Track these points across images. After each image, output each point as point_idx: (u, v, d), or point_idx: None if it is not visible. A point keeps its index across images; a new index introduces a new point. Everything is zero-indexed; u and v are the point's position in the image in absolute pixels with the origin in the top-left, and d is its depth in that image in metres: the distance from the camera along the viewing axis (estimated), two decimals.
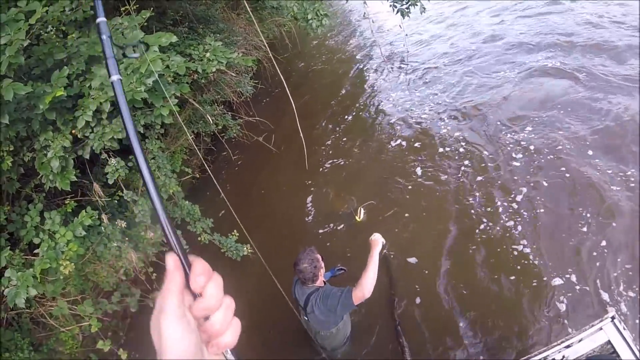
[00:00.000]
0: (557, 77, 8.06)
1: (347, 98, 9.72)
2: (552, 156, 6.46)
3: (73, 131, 4.12)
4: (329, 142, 8.29)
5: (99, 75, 3.90)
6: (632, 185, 5.72)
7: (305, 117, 8.08)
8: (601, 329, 3.50)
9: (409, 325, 5.17)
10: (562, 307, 4.92)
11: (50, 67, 3.97)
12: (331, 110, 9.37)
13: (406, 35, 10.02)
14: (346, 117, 9.00)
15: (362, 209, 6.16)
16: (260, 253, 5.96)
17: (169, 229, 0.93)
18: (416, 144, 7.70)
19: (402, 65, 10.60)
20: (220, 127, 7.44)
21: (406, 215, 6.35)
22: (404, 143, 7.85)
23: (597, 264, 5.16)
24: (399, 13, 7.80)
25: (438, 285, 5.49)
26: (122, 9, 4.59)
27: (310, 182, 7.42)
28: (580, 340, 3.49)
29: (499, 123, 7.52)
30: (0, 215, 4.12)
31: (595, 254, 5.25)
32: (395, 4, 7.76)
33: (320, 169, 7.64)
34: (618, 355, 3.36)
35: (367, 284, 3.97)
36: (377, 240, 4.39)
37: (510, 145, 6.89)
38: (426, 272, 5.66)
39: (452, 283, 5.49)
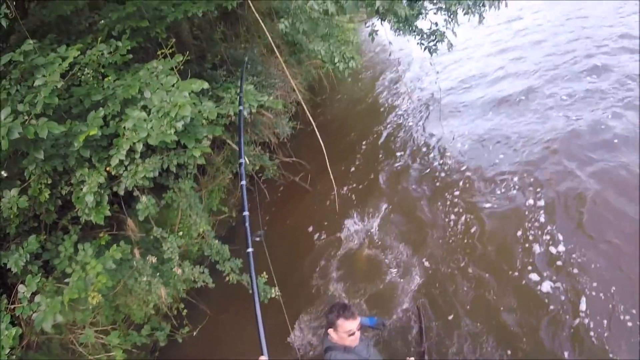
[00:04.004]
0: None
1: (380, 141, 9.83)
2: None
3: (108, 168, 4.33)
4: (358, 183, 8.41)
5: (132, 116, 4.13)
6: None
7: (340, 159, 8.18)
8: None
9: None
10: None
11: (88, 108, 4.24)
12: (362, 148, 9.57)
13: (437, 72, 10.15)
14: (378, 155, 9.15)
15: None
16: (286, 294, 6.01)
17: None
18: (447, 180, 7.63)
19: (431, 99, 10.77)
20: (257, 168, 7.59)
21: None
22: (438, 177, 7.83)
23: None
24: (427, 50, 8.01)
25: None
26: (159, 52, 4.85)
27: (339, 225, 7.42)
28: None
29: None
30: (34, 244, 4.32)
31: None
32: (422, 42, 7.95)
33: (350, 212, 7.63)
34: None
35: None
36: None
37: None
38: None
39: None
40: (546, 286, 5.17)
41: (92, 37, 4.66)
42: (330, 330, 3.85)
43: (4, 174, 4.05)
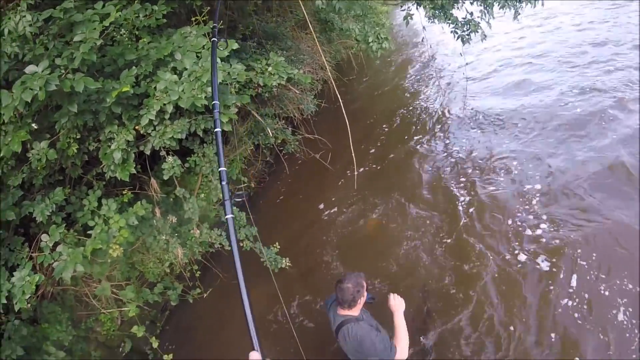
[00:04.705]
0: None
1: (402, 124, 9.90)
2: None
3: (137, 127, 4.42)
4: (376, 164, 8.49)
5: (164, 79, 4.23)
6: None
7: (361, 139, 8.20)
8: None
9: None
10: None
11: (121, 67, 4.32)
12: (384, 130, 9.67)
13: (466, 64, 10.11)
14: (397, 138, 9.23)
15: None
16: (296, 264, 6.11)
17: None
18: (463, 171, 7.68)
19: (454, 88, 10.86)
20: (279, 142, 7.67)
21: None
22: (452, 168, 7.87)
23: None
24: (460, 39, 8.00)
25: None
26: (193, 18, 4.93)
27: (358, 204, 7.49)
28: None
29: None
30: (60, 195, 4.47)
31: None
32: (456, 30, 7.95)
33: (364, 192, 7.69)
34: None
35: (405, 348, 3.85)
36: (399, 305, 4.13)
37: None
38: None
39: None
40: (543, 265, 5.40)
41: None
42: (359, 301, 3.85)
43: (34, 125, 4.16)
